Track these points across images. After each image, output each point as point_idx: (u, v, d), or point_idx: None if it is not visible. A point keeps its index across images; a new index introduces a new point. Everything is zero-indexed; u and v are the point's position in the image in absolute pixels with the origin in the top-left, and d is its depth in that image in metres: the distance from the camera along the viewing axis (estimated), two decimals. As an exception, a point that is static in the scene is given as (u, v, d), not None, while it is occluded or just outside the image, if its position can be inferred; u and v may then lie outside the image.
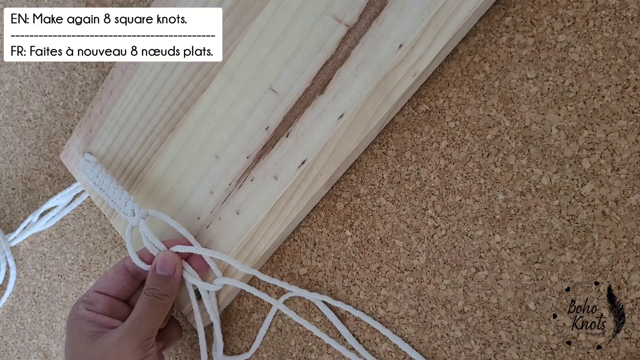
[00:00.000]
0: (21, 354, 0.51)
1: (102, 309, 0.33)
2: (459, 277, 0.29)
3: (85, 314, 0.32)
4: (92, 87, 0.45)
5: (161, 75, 0.37)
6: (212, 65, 0.35)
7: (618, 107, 0.25)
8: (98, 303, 0.33)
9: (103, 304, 0.33)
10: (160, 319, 0.32)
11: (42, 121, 0.48)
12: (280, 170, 0.32)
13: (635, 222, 0.25)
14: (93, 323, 0.32)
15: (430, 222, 0.30)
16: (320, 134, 0.31)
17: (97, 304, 0.33)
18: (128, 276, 0.35)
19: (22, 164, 0.50)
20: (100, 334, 0.31)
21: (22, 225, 0.48)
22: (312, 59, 0.31)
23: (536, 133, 0.27)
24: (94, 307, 0.33)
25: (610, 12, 0.25)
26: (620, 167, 0.25)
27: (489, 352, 0.29)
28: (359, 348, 0.32)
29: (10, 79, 0.50)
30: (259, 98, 0.33)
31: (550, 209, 0.27)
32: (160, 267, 0.33)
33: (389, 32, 0.28)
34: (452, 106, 0.29)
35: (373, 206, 0.32)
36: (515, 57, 0.28)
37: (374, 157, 0.32)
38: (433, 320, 0.30)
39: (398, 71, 0.28)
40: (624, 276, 0.26)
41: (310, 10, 0.30)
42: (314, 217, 0.34)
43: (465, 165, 0.29)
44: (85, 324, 0.32)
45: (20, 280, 0.51)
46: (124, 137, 0.40)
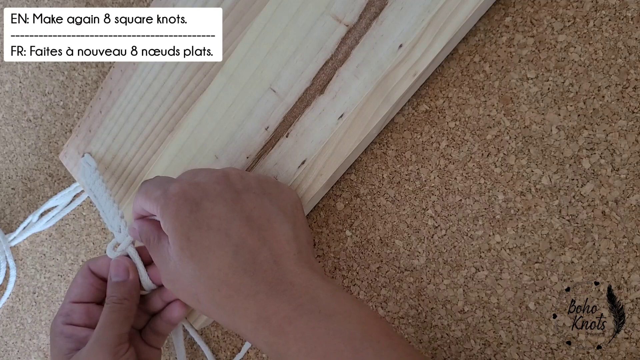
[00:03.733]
0: (21, 354, 0.51)
1: (79, 319, 0.33)
2: (459, 277, 0.29)
3: (63, 329, 0.32)
4: (92, 87, 0.45)
5: (161, 75, 0.37)
6: (211, 65, 0.34)
7: (618, 107, 0.25)
8: (74, 313, 0.33)
9: (79, 313, 0.33)
10: (125, 324, 0.31)
11: (42, 121, 0.48)
12: (280, 171, 0.32)
13: (635, 222, 0.25)
14: (70, 339, 0.31)
15: (430, 222, 0.30)
16: (320, 134, 0.31)
17: (74, 314, 0.33)
18: (96, 278, 0.34)
19: (22, 164, 0.50)
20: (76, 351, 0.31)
21: (22, 225, 0.48)
22: (312, 59, 0.31)
23: (536, 133, 0.27)
24: (72, 318, 0.32)
25: (610, 12, 0.25)
26: (620, 167, 0.25)
27: (489, 352, 0.29)
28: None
29: (10, 79, 0.50)
30: (259, 98, 0.33)
31: (550, 209, 0.27)
32: (114, 273, 0.32)
33: (389, 32, 0.28)
34: (452, 106, 0.29)
35: (373, 206, 0.32)
36: (515, 57, 0.28)
37: (374, 157, 0.32)
38: (433, 320, 0.30)
39: (398, 71, 0.28)
40: (624, 276, 0.26)
41: (310, 10, 0.30)
42: (314, 217, 0.34)
43: (465, 165, 0.29)
44: (62, 341, 0.32)
45: (20, 280, 0.51)
46: (123, 137, 0.40)
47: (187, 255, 0.26)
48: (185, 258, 0.27)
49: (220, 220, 0.27)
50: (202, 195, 0.27)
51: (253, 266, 0.26)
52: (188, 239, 0.27)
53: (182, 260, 0.27)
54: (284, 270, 0.26)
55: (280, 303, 0.25)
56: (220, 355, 0.39)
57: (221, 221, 0.27)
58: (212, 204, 0.27)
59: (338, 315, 0.24)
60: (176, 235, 0.27)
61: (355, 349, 0.23)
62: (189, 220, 0.27)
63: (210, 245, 0.26)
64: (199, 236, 0.26)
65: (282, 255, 0.26)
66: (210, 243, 0.26)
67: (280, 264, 0.26)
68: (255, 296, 0.25)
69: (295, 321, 0.24)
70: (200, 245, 0.26)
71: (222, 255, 0.26)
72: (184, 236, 0.27)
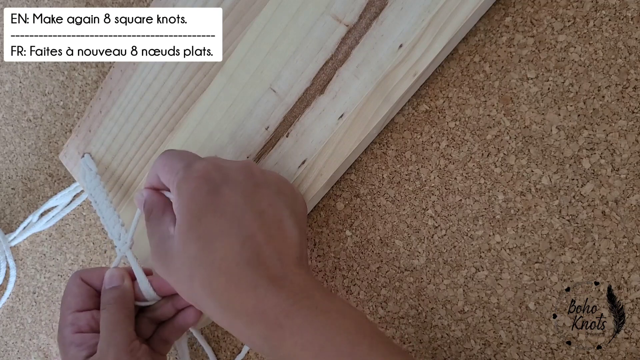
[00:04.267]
0: (21, 354, 0.51)
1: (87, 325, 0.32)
2: (459, 277, 0.29)
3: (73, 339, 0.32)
4: (92, 87, 0.45)
5: (160, 75, 0.37)
6: (211, 65, 0.35)
7: (618, 107, 0.25)
8: (80, 321, 0.32)
9: (86, 320, 0.32)
10: (129, 323, 0.31)
11: (42, 121, 0.48)
12: (280, 171, 0.32)
13: (635, 222, 0.25)
14: (82, 347, 0.31)
15: (430, 222, 0.30)
16: (320, 134, 0.31)
17: (80, 321, 0.32)
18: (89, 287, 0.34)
19: (22, 164, 0.50)
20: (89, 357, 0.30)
21: (22, 225, 0.48)
22: (312, 59, 0.31)
23: (536, 133, 0.27)
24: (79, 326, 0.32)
25: (610, 12, 0.25)
26: (620, 167, 0.25)
27: (489, 352, 0.29)
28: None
29: (10, 79, 0.50)
30: (259, 98, 0.33)
31: (550, 209, 0.27)
32: (107, 282, 0.32)
33: (389, 32, 0.28)
34: (452, 106, 0.29)
35: (373, 206, 0.32)
36: (515, 57, 0.28)
37: (374, 157, 0.32)
38: (433, 320, 0.30)
39: (398, 71, 0.28)
40: (624, 276, 0.26)
41: (310, 10, 0.30)
42: (314, 217, 0.34)
43: (465, 165, 0.29)
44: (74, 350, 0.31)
45: (20, 280, 0.51)
46: (123, 137, 0.40)
47: (194, 236, 0.26)
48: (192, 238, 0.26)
49: (235, 208, 0.26)
50: (223, 180, 0.27)
51: (257, 260, 0.26)
52: (199, 219, 0.26)
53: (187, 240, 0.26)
54: (286, 268, 0.26)
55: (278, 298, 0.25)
56: (220, 355, 0.39)
57: (235, 210, 0.26)
58: (231, 191, 0.27)
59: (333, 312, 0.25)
60: (188, 212, 0.27)
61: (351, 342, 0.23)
62: (205, 201, 0.27)
63: (220, 232, 0.26)
64: (210, 220, 0.26)
65: (286, 255, 0.27)
66: (221, 229, 0.26)
67: (283, 263, 0.26)
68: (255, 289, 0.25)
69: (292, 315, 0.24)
70: (209, 229, 0.26)
71: (230, 245, 0.26)
72: (195, 216, 0.26)
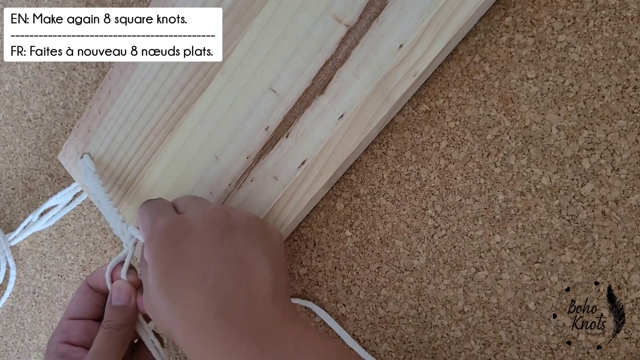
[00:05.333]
0: (21, 354, 0.51)
1: (77, 336, 0.32)
2: (459, 277, 0.29)
3: (58, 348, 0.31)
4: (92, 87, 0.45)
5: (160, 75, 0.37)
6: (211, 65, 0.34)
7: (618, 107, 0.25)
8: (72, 330, 0.32)
9: (78, 330, 0.32)
10: (121, 351, 0.31)
11: (42, 121, 0.48)
12: (280, 171, 0.32)
13: (635, 222, 0.25)
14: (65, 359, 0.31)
15: (430, 222, 0.30)
16: (320, 134, 0.31)
17: (72, 331, 0.32)
18: (95, 294, 0.34)
19: (22, 164, 0.50)
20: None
21: (22, 225, 0.48)
22: (312, 59, 0.31)
23: (536, 133, 0.27)
24: (69, 336, 0.32)
25: (610, 12, 0.25)
26: (620, 167, 0.25)
27: (489, 352, 0.29)
28: (358, 348, 0.32)
29: (10, 79, 0.50)
30: (259, 98, 0.33)
31: (550, 209, 0.27)
32: (115, 297, 0.32)
33: (389, 32, 0.28)
34: (452, 106, 0.29)
35: (373, 206, 0.32)
36: (515, 57, 0.28)
37: (374, 157, 0.32)
38: (433, 320, 0.30)
39: (398, 71, 0.28)
40: (624, 276, 0.26)
41: (310, 10, 0.30)
42: (314, 217, 0.34)
43: (465, 165, 0.29)
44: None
45: (20, 280, 0.51)
46: (122, 137, 0.40)
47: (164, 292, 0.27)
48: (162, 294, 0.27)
49: (200, 260, 0.27)
50: (185, 234, 0.28)
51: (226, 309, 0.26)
52: (166, 275, 0.27)
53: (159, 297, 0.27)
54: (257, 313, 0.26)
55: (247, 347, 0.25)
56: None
57: (200, 262, 0.27)
58: (194, 245, 0.28)
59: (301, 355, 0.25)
60: (155, 269, 0.28)
61: None
62: (170, 257, 0.27)
63: (187, 285, 0.27)
64: (176, 274, 0.27)
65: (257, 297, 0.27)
66: (187, 282, 0.27)
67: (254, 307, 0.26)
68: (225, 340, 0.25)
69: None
70: (177, 283, 0.27)
71: (197, 296, 0.26)
72: (162, 273, 0.27)
